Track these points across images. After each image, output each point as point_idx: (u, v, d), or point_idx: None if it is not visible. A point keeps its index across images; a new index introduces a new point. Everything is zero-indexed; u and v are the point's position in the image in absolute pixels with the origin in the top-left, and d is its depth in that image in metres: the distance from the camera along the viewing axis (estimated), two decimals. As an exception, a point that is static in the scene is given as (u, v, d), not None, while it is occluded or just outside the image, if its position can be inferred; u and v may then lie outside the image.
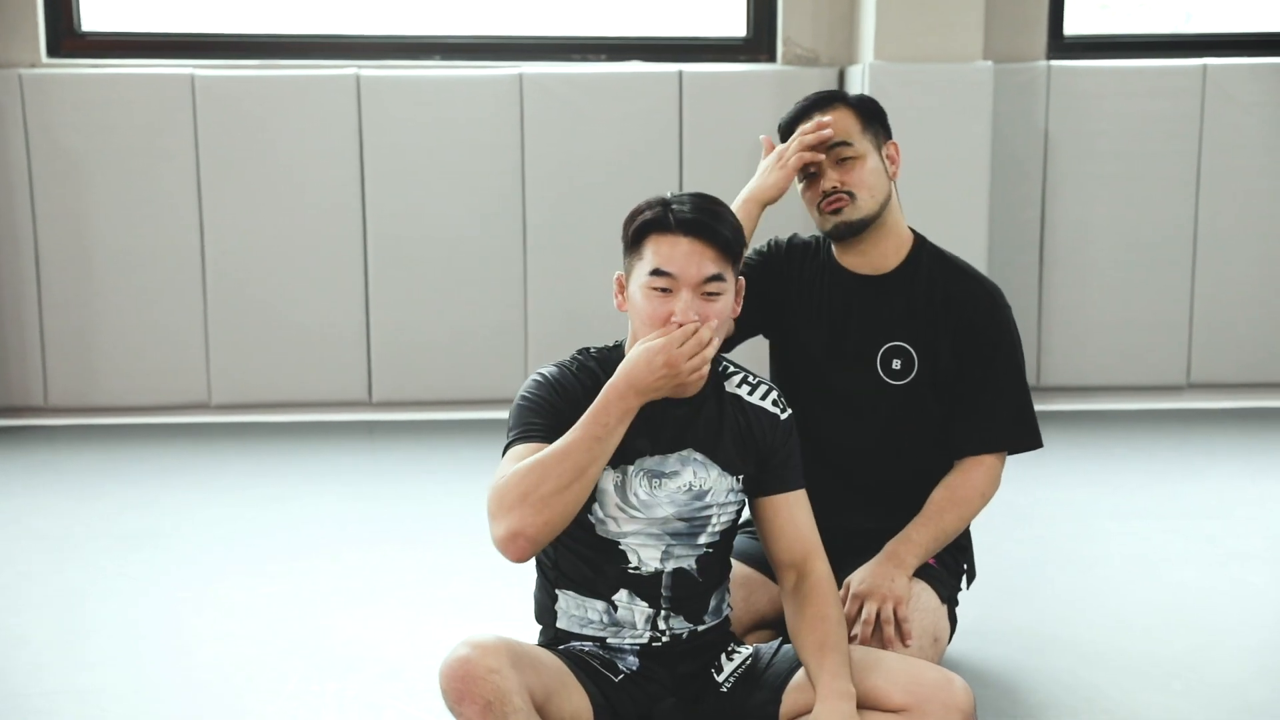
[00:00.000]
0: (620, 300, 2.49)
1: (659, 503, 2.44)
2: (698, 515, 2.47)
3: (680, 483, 2.45)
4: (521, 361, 5.97)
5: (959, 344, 2.90)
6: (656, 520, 2.44)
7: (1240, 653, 3.33)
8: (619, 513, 2.44)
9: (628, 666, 2.47)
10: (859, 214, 2.89)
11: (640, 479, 2.44)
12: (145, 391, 5.95)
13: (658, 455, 2.44)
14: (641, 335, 2.41)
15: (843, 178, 2.88)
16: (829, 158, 2.90)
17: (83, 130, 5.77)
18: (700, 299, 2.38)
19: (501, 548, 2.27)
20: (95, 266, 5.86)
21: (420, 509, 4.66)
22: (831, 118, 2.91)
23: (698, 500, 2.46)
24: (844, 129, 2.90)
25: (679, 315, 2.36)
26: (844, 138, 2.89)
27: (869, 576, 2.76)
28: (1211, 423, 5.95)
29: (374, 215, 5.91)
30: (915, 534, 2.84)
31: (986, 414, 2.90)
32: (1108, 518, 4.53)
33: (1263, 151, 6.06)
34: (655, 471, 2.44)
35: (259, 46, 5.98)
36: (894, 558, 2.80)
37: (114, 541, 4.27)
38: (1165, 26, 6.43)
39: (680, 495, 2.45)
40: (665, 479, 2.45)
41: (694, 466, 2.46)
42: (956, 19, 5.67)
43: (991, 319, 2.92)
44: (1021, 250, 6.07)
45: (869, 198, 2.89)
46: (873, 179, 2.90)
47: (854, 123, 2.92)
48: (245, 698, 3.06)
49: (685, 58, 6.05)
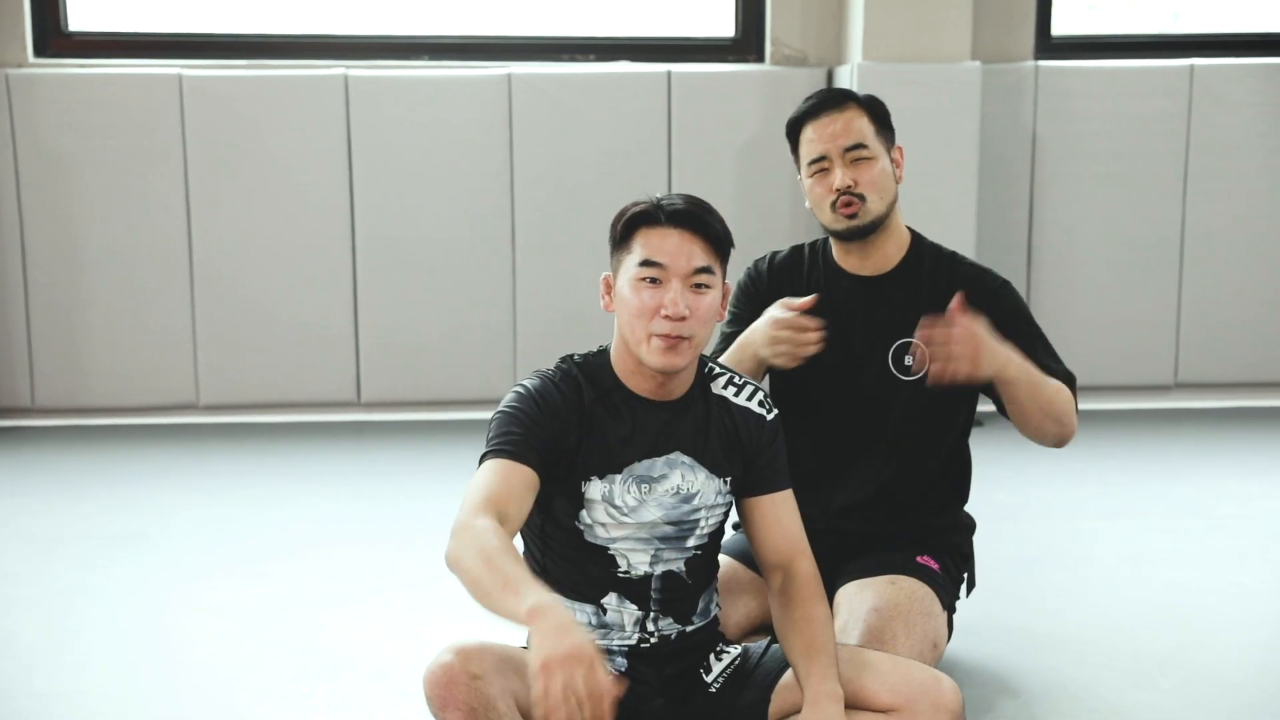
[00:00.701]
0: (607, 301, 2.48)
1: (647, 507, 2.44)
2: (686, 519, 2.47)
3: (668, 486, 2.45)
4: (511, 361, 5.97)
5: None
6: (645, 525, 2.44)
7: (1229, 650, 3.34)
8: (607, 518, 2.43)
9: (616, 668, 2.46)
10: (869, 217, 2.89)
11: (629, 485, 2.43)
12: (133, 392, 5.94)
13: (646, 460, 2.44)
14: (628, 331, 2.41)
15: (856, 177, 2.87)
16: (843, 157, 2.88)
17: (70, 130, 5.76)
18: (690, 290, 2.38)
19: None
20: (83, 267, 5.85)
21: (410, 509, 4.65)
22: (845, 117, 2.89)
23: (686, 503, 2.46)
24: (859, 130, 2.89)
25: (668, 306, 2.36)
26: (859, 139, 2.88)
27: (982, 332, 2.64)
28: (1199, 422, 5.96)
29: (363, 215, 5.91)
30: (1028, 363, 2.74)
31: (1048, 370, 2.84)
32: (1097, 517, 4.54)
33: (1250, 151, 6.08)
34: (644, 477, 2.44)
35: (247, 46, 5.97)
36: (1005, 353, 2.67)
37: (102, 542, 4.26)
38: (1152, 27, 6.45)
39: (668, 499, 2.45)
40: (654, 483, 2.44)
41: (682, 469, 2.46)
42: (944, 19, 5.68)
43: (997, 293, 2.92)
44: (1009, 250, 6.08)
45: (879, 200, 2.89)
46: (883, 181, 2.90)
47: (868, 124, 2.91)
48: (234, 698, 3.05)
49: (674, 58, 6.05)
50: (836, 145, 2.88)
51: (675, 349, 2.37)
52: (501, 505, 2.25)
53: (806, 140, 2.93)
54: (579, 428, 2.41)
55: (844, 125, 2.89)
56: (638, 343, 2.39)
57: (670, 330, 2.36)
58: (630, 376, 2.45)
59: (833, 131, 2.89)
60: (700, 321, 2.39)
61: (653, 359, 2.38)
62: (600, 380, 2.46)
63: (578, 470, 2.42)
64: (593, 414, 2.43)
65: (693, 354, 2.41)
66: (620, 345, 2.45)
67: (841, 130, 2.88)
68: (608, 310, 2.48)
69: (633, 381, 2.45)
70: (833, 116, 2.90)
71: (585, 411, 2.42)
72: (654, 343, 2.37)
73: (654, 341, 2.37)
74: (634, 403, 2.45)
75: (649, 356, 2.39)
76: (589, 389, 2.44)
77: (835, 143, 2.88)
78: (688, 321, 2.37)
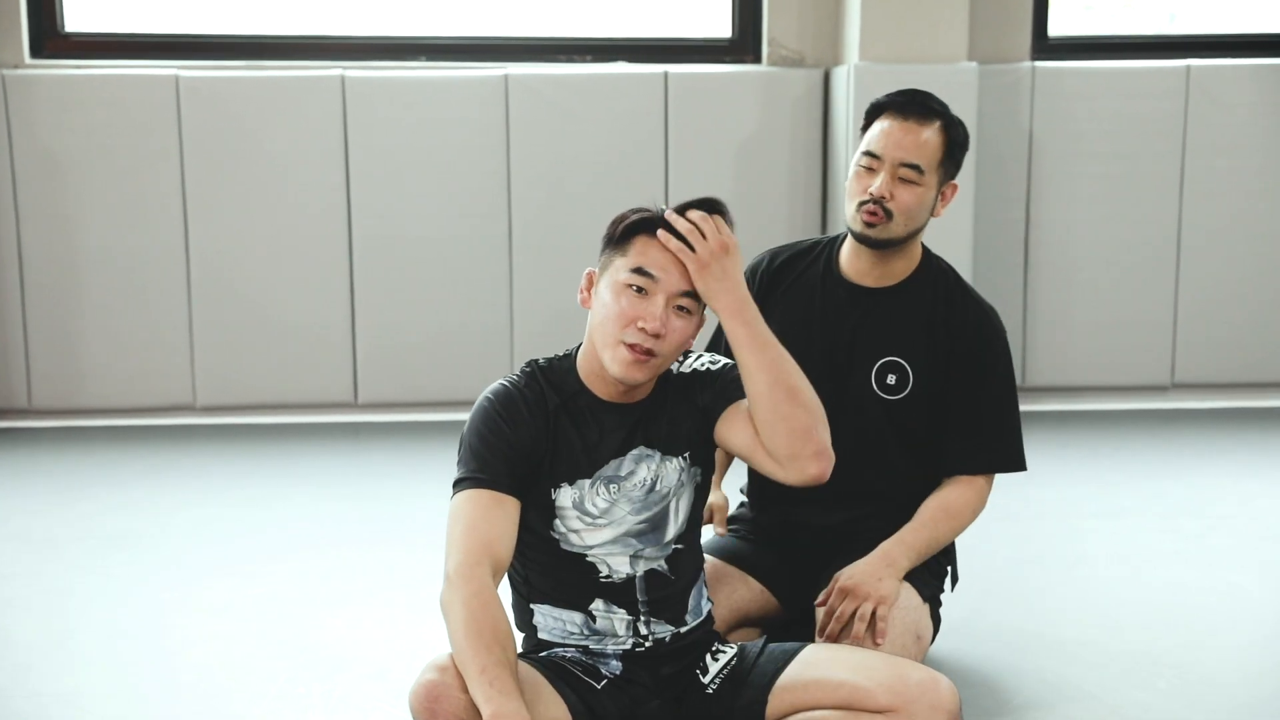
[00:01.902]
0: (585, 296, 2.46)
1: (618, 506, 2.44)
2: (655, 507, 2.46)
3: (635, 480, 2.45)
4: (508, 362, 5.97)
5: (956, 365, 2.90)
6: (618, 524, 2.44)
7: (1225, 651, 3.34)
8: (580, 525, 2.44)
9: (610, 671, 2.46)
10: (887, 234, 2.86)
11: (597, 488, 2.43)
12: (130, 393, 5.93)
13: (613, 461, 2.44)
14: (599, 333, 2.39)
15: (894, 192, 2.82)
16: (895, 168, 2.82)
17: (67, 131, 5.76)
18: (672, 310, 2.37)
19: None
20: (79, 268, 5.84)
21: (406, 510, 4.65)
22: (923, 133, 2.83)
23: (652, 492, 2.46)
24: (927, 155, 2.83)
25: (648, 320, 2.34)
26: (919, 161, 2.83)
27: (857, 573, 2.76)
28: (1196, 423, 5.97)
29: (359, 216, 5.91)
30: (909, 537, 2.83)
31: (984, 435, 2.91)
32: (1093, 517, 4.55)
33: (1246, 152, 6.08)
34: (612, 477, 2.44)
35: (243, 47, 5.97)
36: (886, 557, 2.79)
37: (98, 543, 4.26)
38: (1149, 28, 6.45)
39: (636, 492, 2.45)
40: (621, 481, 2.44)
41: (646, 462, 2.46)
42: (941, 20, 5.69)
43: (990, 344, 2.92)
44: (1006, 251, 6.09)
45: (903, 224, 2.85)
46: (917, 210, 2.85)
47: (938, 153, 2.85)
48: (231, 699, 3.05)
49: (670, 59, 6.05)
50: (896, 154, 2.82)
51: (640, 364, 2.36)
52: (493, 549, 2.32)
53: (877, 129, 2.87)
54: (545, 436, 2.41)
55: (913, 138, 2.83)
56: (604, 346, 2.38)
57: (641, 342, 2.34)
58: (594, 380, 2.45)
59: (899, 139, 2.83)
60: (671, 344, 2.38)
61: (615, 368, 2.37)
62: (564, 385, 2.45)
63: (545, 479, 2.42)
64: (557, 421, 2.43)
65: (653, 373, 2.40)
66: (588, 348, 2.45)
67: (910, 144, 2.83)
68: (584, 305, 2.47)
69: (596, 385, 2.45)
70: (909, 124, 2.84)
71: (550, 418, 2.42)
72: (620, 351, 2.36)
73: (621, 350, 2.36)
74: (598, 407, 2.45)
75: (612, 363, 2.37)
76: (553, 395, 2.44)
77: (896, 151, 2.82)
78: (660, 340, 2.35)
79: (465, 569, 2.27)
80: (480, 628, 2.21)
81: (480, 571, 2.27)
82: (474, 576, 2.26)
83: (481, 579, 2.26)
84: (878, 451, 2.94)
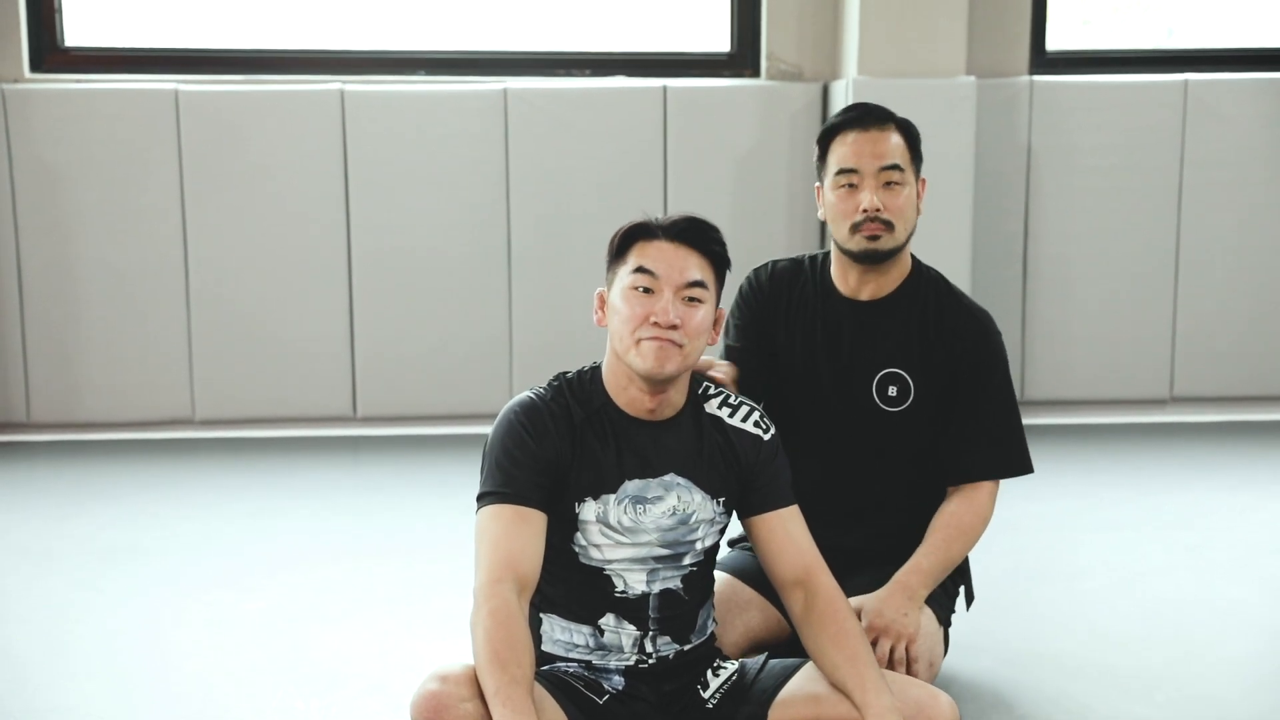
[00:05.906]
0: (600, 316, 2.48)
1: (643, 528, 2.43)
2: (683, 540, 2.46)
3: (665, 507, 2.44)
4: (506, 376, 5.96)
5: (955, 372, 2.89)
6: (642, 545, 2.44)
7: (1223, 664, 3.34)
8: (603, 539, 2.43)
9: (613, 686, 2.46)
10: (891, 244, 2.85)
11: (624, 506, 2.43)
12: (129, 407, 5.93)
13: (640, 480, 2.44)
14: (618, 340, 2.40)
15: (886, 201, 2.82)
16: (877, 177, 2.82)
17: (66, 145, 5.76)
18: (681, 302, 2.38)
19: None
20: (78, 282, 5.84)
21: (405, 524, 4.65)
22: (886, 135, 2.84)
23: (683, 524, 2.45)
24: (900, 154, 2.84)
25: (658, 314, 2.35)
26: (896, 161, 2.83)
27: (883, 609, 2.73)
28: (1194, 436, 5.97)
29: (358, 230, 5.91)
30: (925, 563, 2.81)
31: (986, 441, 2.90)
32: (1091, 530, 4.54)
33: (1244, 166, 6.09)
34: (639, 497, 2.43)
35: (243, 61, 5.98)
36: (906, 589, 2.76)
37: (97, 556, 4.25)
38: (1147, 42, 6.46)
39: (665, 520, 2.44)
40: (649, 504, 2.43)
41: (678, 491, 2.45)
42: (939, 34, 5.70)
43: (986, 347, 2.91)
44: (1005, 264, 6.09)
45: (903, 229, 2.86)
46: (909, 210, 2.86)
47: (906, 150, 2.87)
48: (228, 713, 3.04)
49: (670, 73, 6.06)
50: (873, 163, 2.82)
51: (665, 351, 2.35)
52: (517, 565, 2.32)
53: (840, 149, 2.86)
54: (570, 449, 2.41)
55: (884, 144, 2.83)
56: (626, 350, 2.38)
57: (659, 335, 2.35)
58: (621, 394, 2.45)
59: (871, 149, 2.83)
60: (691, 333, 2.38)
61: (642, 362, 2.37)
62: (590, 399, 2.45)
63: (570, 492, 2.41)
64: (583, 434, 2.42)
65: (683, 363, 2.39)
66: (612, 360, 2.45)
67: (884, 149, 2.83)
68: (600, 325, 2.48)
69: (623, 399, 2.45)
70: (874, 134, 2.84)
71: (576, 432, 2.42)
72: (643, 345, 2.36)
73: (643, 345, 2.36)
74: (624, 422, 2.44)
75: (638, 361, 2.37)
76: (578, 409, 2.44)
77: (872, 160, 2.82)
78: (678, 330, 2.36)
79: (488, 587, 2.29)
80: (495, 648, 2.22)
81: (502, 589, 2.28)
82: (495, 594, 2.27)
83: (502, 596, 2.27)
84: (885, 465, 2.93)
